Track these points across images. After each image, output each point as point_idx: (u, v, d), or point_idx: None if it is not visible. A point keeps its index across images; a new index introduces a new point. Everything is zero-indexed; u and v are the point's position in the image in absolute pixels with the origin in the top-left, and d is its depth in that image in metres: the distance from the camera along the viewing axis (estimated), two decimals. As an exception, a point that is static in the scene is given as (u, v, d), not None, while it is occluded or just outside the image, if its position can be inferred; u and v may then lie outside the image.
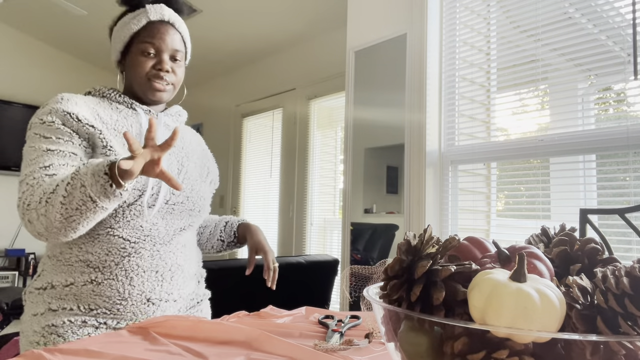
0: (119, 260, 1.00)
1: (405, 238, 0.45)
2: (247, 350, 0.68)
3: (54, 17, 4.09)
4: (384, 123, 2.41)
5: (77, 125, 1.01)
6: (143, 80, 1.10)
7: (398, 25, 2.39)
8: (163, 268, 1.05)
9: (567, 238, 0.47)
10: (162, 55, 1.10)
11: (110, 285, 0.99)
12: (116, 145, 1.03)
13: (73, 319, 0.97)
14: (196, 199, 1.14)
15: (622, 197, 1.79)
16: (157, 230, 1.05)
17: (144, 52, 1.09)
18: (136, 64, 1.09)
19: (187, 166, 1.17)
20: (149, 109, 1.15)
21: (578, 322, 0.37)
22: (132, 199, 1.00)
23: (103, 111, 1.07)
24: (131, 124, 1.10)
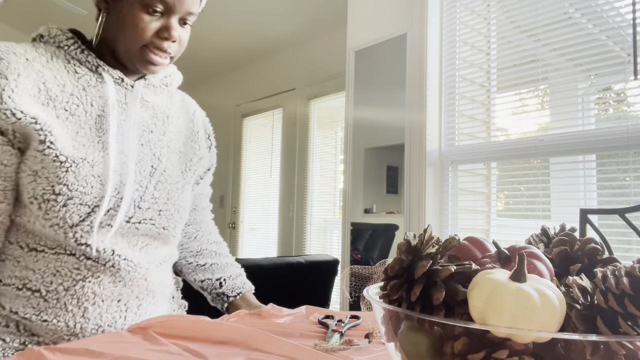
0: (70, 285, 0.76)
1: (405, 238, 0.45)
2: (246, 350, 0.68)
3: (54, 17, 4.08)
4: (384, 123, 2.41)
5: (7, 120, 0.71)
6: (136, 47, 0.80)
7: (398, 25, 2.39)
8: (128, 296, 0.82)
9: (567, 238, 0.47)
10: (172, 19, 0.80)
11: (56, 316, 0.76)
12: (60, 138, 0.74)
13: (8, 339, 0.76)
14: (172, 212, 0.87)
15: (622, 197, 1.79)
16: (120, 251, 0.80)
17: (148, 7, 0.78)
18: (133, 21, 0.78)
19: (165, 162, 0.88)
20: (120, 77, 0.83)
21: (578, 322, 0.37)
22: (78, 217, 0.75)
23: (53, 79, 0.77)
24: (91, 100, 0.80)
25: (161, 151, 0.88)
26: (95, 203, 0.76)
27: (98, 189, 0.76)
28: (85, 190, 0.75)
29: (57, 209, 0.74)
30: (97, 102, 0.80)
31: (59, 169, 0.73)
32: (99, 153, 0.78)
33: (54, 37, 0.81)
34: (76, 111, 0.78)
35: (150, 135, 0.87)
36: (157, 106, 0.90)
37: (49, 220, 0.75)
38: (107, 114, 0.80)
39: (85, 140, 0.77)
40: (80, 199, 0.74)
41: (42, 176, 0.74)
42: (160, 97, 0.92)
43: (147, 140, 0.86)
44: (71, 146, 0.75)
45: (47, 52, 0.79)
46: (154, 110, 0.90)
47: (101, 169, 0.77)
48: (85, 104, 0.79)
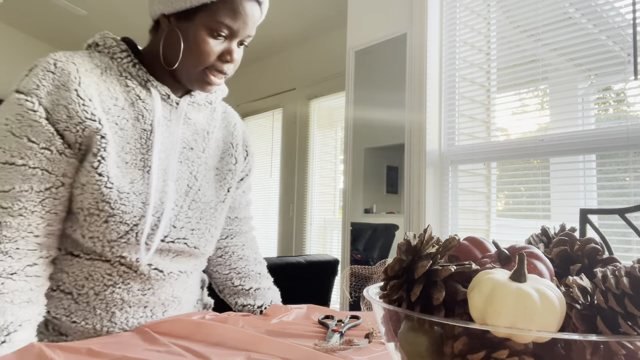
0: (100, 289, 0.78)
1: (405, 238, 0.45)
2: (247, 350, 0.68)
3: (54, 17, 4.09)
4: (384, 123, 2.41)
5: (73, 121, 0.72)
6: (198, 69, 0.81)
7: (398, 25, 2.39)
8: (154, 303, 0.83)
9: (567, 238, 0.47)
10: (234, 43, 0.82)
11: (84, 318, 0.78)
12: (111, 152, 0.75)
13: (38, 338, 0.78)
14: (203, 231, 0.87)
15: (622, 197, 1.79)
16: (151, 261, 0.82)
17: (214, 31, 0.78)
18: (198, 44, 0.78)
19: (200, 181, 0.88)
20: (167, 94, 0.84)
21: (578, 322, 0.37)
22: (117, 234, 0.76)
23: (107, 91, 0.77)
24: (137, 115, 0.80)
25: (198, 169, 0.88)
26: (135, 222, 0.76)
27: (138, 208, 0.77)
28: (126, 209, 0.75)
29: (99, 224, 0.75)
30: (143, 118, 0.80)
31: (104, 185, 0.74)
32: (140, 171, 0.79)
33: (108, 47, 0.82)
34: (125, 125, 0.78)
35: (190, 153, 0.87)
36: (198, 123, 0.90)
37: (89, 232, 0.76)
38: (151, 131, 0.80)
39: (128, 157, 0.78)
40: (120, 217, 0.75)
41: (87, 191, 0.75)
42: (203, 113, 0.92)
43: (186, 158, 0.87)
44: (115, 163, 0.76)
45: (101, 62, 0.80)
46: (196, 127, 0.90)
47: (142, 186, 0.78)
48: (133, 119, 0.79)
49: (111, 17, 3.86)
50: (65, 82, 0.72)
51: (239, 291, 1.03)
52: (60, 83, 0.72)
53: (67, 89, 0.72)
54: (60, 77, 0.73)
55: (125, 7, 3.70)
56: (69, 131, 0.72)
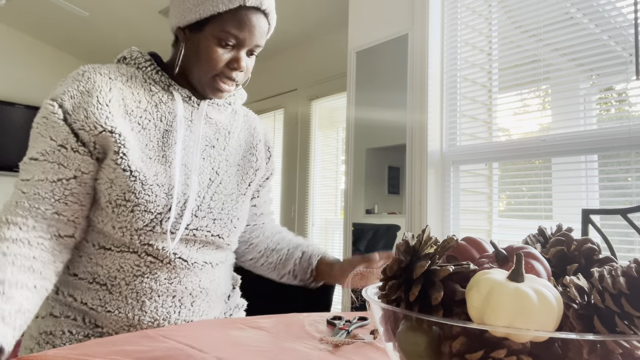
0: (130, 280, 0.85)
1: (403, 238, 0.46)
2: (249, 351, 0.68)
3: (55, 18, 4.10)
4: (385, 123, 2.41)
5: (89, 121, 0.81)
6: (208, 76, 0.89)
7: (399, 26, 2.39)
8: (182, 292, 0.88)
9: (563, 238, 0.48)
10: (242, 52, 0.88)
11: (117, 308, 0.84)
12: (132, 150, 0.83)
13: (75, 331, 0.85)
14: (225, 221, 0.93)
15: (624, 197, 1.79)
16: (177, 251, 0.87)
17: (222, 41, 0.86)
18: (208, 53, 0.86)
19: (222, 175, 0.95)
20: (189, 95, 0.92)
21: (575, 321, 0.37)
22: (142, 223, 0.83)
23: (131, 95, 0.86)
24: (161, 116, 0.88)
25: (220, 165, 0.95)
26: (159, 210, 0.83)
27: (162, 198, 0.84)
28: (149, 198, 0.83)
29: (126, 214, 0.83)
30: (166, 118, 0.89)
31: (128, 178, 0.82)
32: (162, 165, 0.86)
33: (134, 59, 0.92)
34: (147, 125, 0.87)
35: (212, 150, 0.95)
36: (220, 123, 0.98)
37: (118, 223, 0.83)
38: (174, 129, 0.89)
39: (152, 153, 0.86)
40: (145, 206, 0.82)
41: (116, 184, 0.83)
42: (224, 114, 0.99)
43: (208, 155, 0.94)
44: (139, 158, 0.84)
45: (127, 72, 0.89)
46: (217, 126, 0.97)
47: (164, 179, 0.85)
48: (156, 119, 0.88)
49: (112, 18, 3.87)
50: (90, 89, 0.82)
51: (278, 263, 1.10)
52: (84, 89, 0.82)
53: (89, 95, 0.82)
54: (86, 85, 0.83)
55: (127, 9, 3.71)
56: (83, 130, 0.81)
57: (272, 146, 1.13)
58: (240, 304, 1.08)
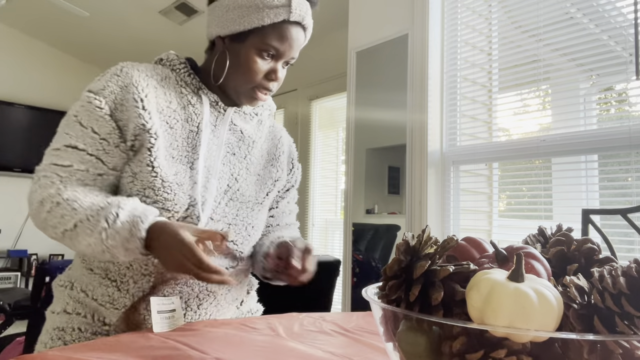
0: (138, 278, 0.86)
1: (403, 239, 0.46)
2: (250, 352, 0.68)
3: (55, 19, 4.10)
4: (385, 123, 2.41)
5: (131, 117, 0.83)
6: (247, 86, 0.91)
7: (399, 26, 2.39)
8: (189, 294, 0.89)
9: (563, 238, 0.48)
10: (279, 63, 0.93)
11: (124, 305, 0.85)
12: (159, 147, 0.85)
13: (83, 328, 0.86)
14: (239, 228, 0.93)
15: (624, 197, 1.79)
16: None
17: (262, 52, 0.89)
18: (248, 63, 0.89)
19: (240, 182, 0.96)
20: (216, 100, 0.94)
21: (575, 321, 0.37)
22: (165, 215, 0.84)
23: (163, 95, 0.89)
24: (187, 117, 0.90)
25: (239, 172, 0.96)
26: (175, 209, 0.85)
27: (180, 197, 0.85)
28: (168, 197, 0.84)
29: None
30: (192, 120, 0.90)
31: (150, 174, 0.83)
32: (184, 165, 0.88)
33: (170, 61, 0.94)
34: (175, 125, 0.89)
35: (232, 157, 0.96)
36: (245, 131, 0.99)
37: None
38: (199, 132, 0.90)
39: (175, 152, 0.88)
40: (162, 204, 0.84)
41: (138, 179, 0.84)
42: (250, 124, 1.00)
43: (229, 161, 0.95)
44: (163, 156, 0.85)
45: (162, 72, 0.92)
46: (242, 134, 0.98)
47: (184, 179, 0.87)
48: (183, 120, 0.90)
49: (113, 18, 3.87)
50: (127, 84, 0.85)
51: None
52: (123, 84, 0.85)
53: (127, 91, 0.84)
54: (124, 80, 0.85)
55: (127, 9, 3.71)
56: (126, 128, 0.84)
57: (296, 158, 1.14)
58: (255, 309, 1.07)
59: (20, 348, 1.10)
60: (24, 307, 2.74)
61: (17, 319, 2.73)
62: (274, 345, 0.72)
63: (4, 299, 2.80)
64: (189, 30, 3.84)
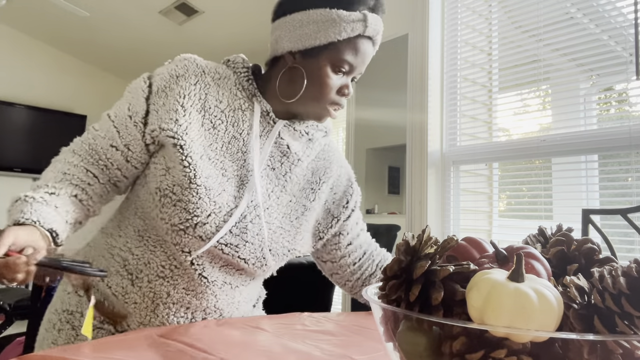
0: (152, 279, 0.84)
1: (403, 239, 0.46)
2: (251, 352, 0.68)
3: (56, 19, 4.10)
4: (385, 123, 2.41)
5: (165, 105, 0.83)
6: (319, 102, 0.88)
7: (399, 26, 2.39)
8: (196, 307, 0.87)
9: (564, 238, 0.48)
10: (350, 79, 0.90)
11: (134, 302, 0.84)
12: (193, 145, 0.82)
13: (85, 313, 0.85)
14: (256, 247, 0.87)
15: (624, 197, 1.79)
16: (198, 265, 0.84)
17: (337, 67, 0.86)
18: (322, 78, 0.85)
19: (272, 201, 0.90)
20: (267, 110, 0.89)
21: (575, 321, 0.37)
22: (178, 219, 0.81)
23: (215, 93, 0.87)
24: (235, 122, 0.87)
25: (274, 189, 0.90)
26: (197, 213, 0.81)
27: (204, 202, 0.81)
28: (192, 198, 0.80)
29: (169, 206, 0.81)
30: (238, 125, 0.87)
31: (182, 170, 0.81)
32: (218, 170, 0.84)
33: (235, 63, 0.91)
34: (219, 126, 0.86)
35: (272, 172, 0.91)
36: (291, 147, 0.92)
37: (161, 213, 0.82)
38: (242, 139, 0.87)
39: (213, 154, 0.85)
40: (186, 204, 0.80)
41: (171, 173, 0.82)
42: (299, 141, 0.93)
43: (266, 175, 0.90)
44: (199, 155, 0.82)
45: (223, 72, 0.90)
46: (288, 149, 0.92)
47: (214, 184, 0.83)
48: (228, 123, 0.87)
49: (113, 18, 3.87)
50: (180, 74, 0.85)
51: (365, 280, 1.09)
52: (175, 74, 0.85)
53: (176, 82, 0.84)
54: (179, 70, 0.86)
55: (127, 9, 3.71)
56: (156, 112, 0.83)
57: (351, 198, 1.07)
58: None
59: (20, 348, 1.10)
60: (24, 307, 2.74)
61: (17, 319, 2.73)
62: (276, 345, 0.72)
63: (4, 299, 2.80)
64: (189, 30, 3.84)
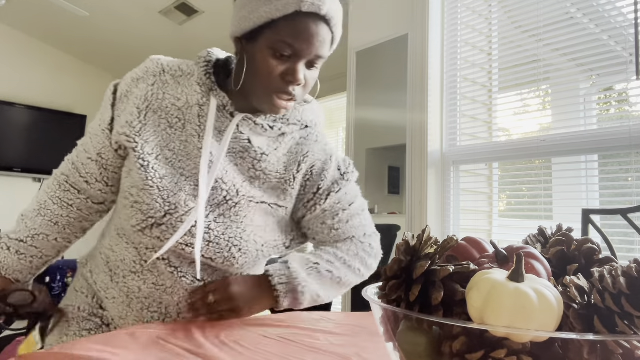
0: (126, 274, 0.86)
1: (403, 239, 0.46)
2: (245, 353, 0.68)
3: (55, 19, 4.10)
4: (385, 123, 2.41)
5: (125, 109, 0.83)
6: (264, 92, 0.80)
7: (400, 26, 2.39)
8: (169, 302, 0.86)
9: (564, 238, 0.48)
10: (299, 63, 0.79)
11: (113, 297, 0.87)
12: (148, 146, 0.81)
13: (82, 307, 0.89)
14: (222, 247, 0.84)
15: (624, 197, 1.79)
16: (166, 260, 0.84)
17: (276, 52, 0.77)
18: (261, 65, 0.78)
19: (239, 199, 0.85)
20: (224, 104, 0.83)
21: (575, 321, 0.37)
22: (136, 221, 0.81)
23: (173, 91, 0.84)
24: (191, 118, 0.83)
25: (242, 184, 0.85)
26: (151, 214, 0.80)
27: (155, 202, 0.79)
28: (146, 199, 0.80)
29: (127, 209, 0.82)
30: (196, 122, 0.83)
31: (137, 172, 0.81)
32: (173, 170, 0.82)
33: (199, 57, 0.87)
34: (176, 125, 0.84)
35: (234, 168, 0.85)
36: (253, 141, 0.86)
37: (124, 215, 0.84)
38: (200, 136, 0.82)
39: (170, 154, 0.83)
40: (140, 206, 0.80)
41: (131, 176, 0.83)
42: (264, 135, 0.87)
43: (227, 172, 0.84)
44: (155, 156, 0.81)
45: (187, 68, 0.87)
46: (249, 145, 0.85)
47: (169, 184, 0.81)
48: (186, 121, 0.84)
49: (113, 18, 3.87)
50: (140, 77, 0.85)
51: None
52: (136, 77, 0.85)
53: (136, 85, 0.84)
54: (139, 73, 0.86)
55: (127, 9, 3.71)
56: (118, 117, 0.84)
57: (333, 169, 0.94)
58: None
59: (16, 350, 1.10)
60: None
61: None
62: (276, 345, 0.72)
63: (4, 299, 2.79)
64: (189, 30, 3.84)
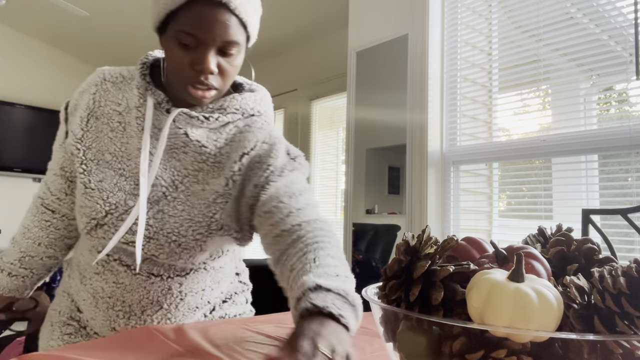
0: (90, 275, 0.87)
1: (403, 239, 0.46)
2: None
3: (55, 19, 4.10)
4: (385, 123, 2.41)
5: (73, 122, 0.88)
6: (178, 83, 0.80)
7: (400, 26, 2.39)
8: (131, 300, 0.85)
9: (563, 238, 0.48)
10: (206, 52, 0.75)
11: (83, 299, 0.89)
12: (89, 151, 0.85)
13: (62, 311, 0.92)
14: (162, 242, 0.82)
15: (624, 197, 1.79)
16: (118, 259, 0.85)
17: (180, 42, 0.75)
18: (171, 57, 0.78)
19: (178, 193, 0.83)
20: (159, 102, 0.82)
21: (575, 321, 0.37)
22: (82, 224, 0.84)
23: (113, 97, 0.86)
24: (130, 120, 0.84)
25: (183, 180, 0.83)
26: (93, 216, 0.82)
27: (95, 204, 0.82)
28: (87, 203, 0.83)
29: (76, 212, 0.87)
30: (135, 123, 0.83)
31: (79, 179, 0.84)
32: (112, 171, 0.84)
33: (139, 60, 0.87)
34: (117, 128, 0.85)
35: (178, 164, 0.84)
36: (191, 135, 0.83)
37: (76, 220, 0.89)
38: (139, 136, 0.83)
39: (110, 157, 0.85)
40: (83, 208, 0.83)
41: (77, 182, 0.86)
42: (202, 127, 0.84)
43: (172, 167, 0.83)
44: (95, 162, 0.84)
45: (129, 74, 0.89)
46: (187, 138, 0.83)
47: (108, 185, 0.83)
48: (126, 124, 0.85)
49: (113, 18, 3.87)
50: (84, 89, 0.89)
51: None
52: (81, 90, 0.90)
53: (81, 97, 0.89)
54: (84, 85, 0.90)
55: (127, 9, 3.71)
56: (71, 131, 0.88)
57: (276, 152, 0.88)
58: (231, 315, 0.97)
59: (20, 348, 1.10)
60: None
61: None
62: (274, 345, 0.72)
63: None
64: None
